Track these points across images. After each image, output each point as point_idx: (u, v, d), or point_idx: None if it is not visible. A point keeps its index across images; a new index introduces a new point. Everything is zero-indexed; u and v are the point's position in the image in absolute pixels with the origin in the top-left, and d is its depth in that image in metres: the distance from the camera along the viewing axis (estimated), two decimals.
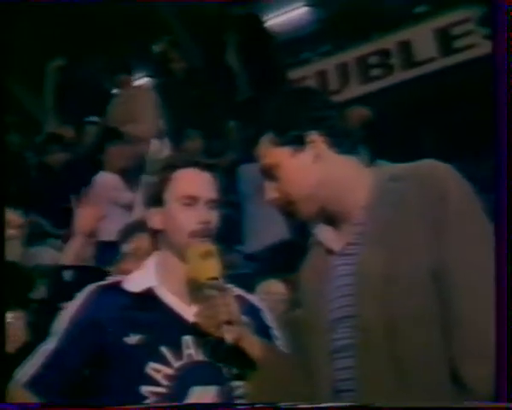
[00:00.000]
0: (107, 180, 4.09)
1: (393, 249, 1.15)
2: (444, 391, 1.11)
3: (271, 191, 1.29)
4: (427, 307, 1.12)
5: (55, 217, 4.15)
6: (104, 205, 3.94)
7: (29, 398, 1.32)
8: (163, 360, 1.31)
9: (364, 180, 1.25)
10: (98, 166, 4.21)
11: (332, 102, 1.33)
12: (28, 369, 1.35)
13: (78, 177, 4.22)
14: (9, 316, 2.03)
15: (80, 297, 1.40)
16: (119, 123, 4.81)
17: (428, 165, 1.21)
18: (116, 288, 1.40)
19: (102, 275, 1.85)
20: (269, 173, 1.29)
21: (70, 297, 1.45)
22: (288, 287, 2.64)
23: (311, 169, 1.25)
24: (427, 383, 1.11)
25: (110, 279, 1.46)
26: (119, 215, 3.90)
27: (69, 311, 1.39)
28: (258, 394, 1.31)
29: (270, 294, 2.68)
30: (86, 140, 5.07)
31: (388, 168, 1.27)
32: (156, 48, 5.30)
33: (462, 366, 1.09)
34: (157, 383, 1.29)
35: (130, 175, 4.30)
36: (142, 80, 5.30)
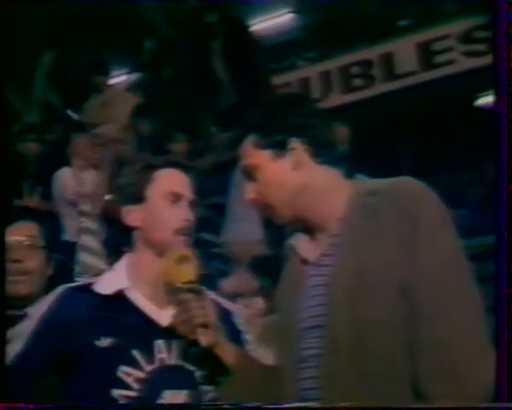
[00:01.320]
0: (63, 177, 4.04)
1: (365, 263, 1.17)
2: (408, 402, 1.12)
3: (250, 192, 1.30)
4: (394, 321, 1.14)
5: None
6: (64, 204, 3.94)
7: None
8: (134, 364, 1.31)
9: (342, 192, 1.26)
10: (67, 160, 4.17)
11: (319, 112, 1.33)
12: None
13: (49, 169, 4.20)
14: None
15: (49, 298, 1.39)
16: (94, 122, 4.83)
17: (404, 182, 1.23)
18: (86, 289, 1.39)
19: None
20: (249, 174, 1.30)
21: None
22: (266, 300, 2.64)
23: (290, 176, 1.26)
24: (393, 396, 1.13)
25: (81, 281, 1.45)
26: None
27: (37, 312, 1.38)
28: (229, 399, 1.31)
29: (247, 308, 2.68)
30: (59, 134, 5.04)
31: (366, 183, 1.29)
32: (147, 43, 5.30)
33: (424, 382, 1.11)
34: (128, 387, 1.29)
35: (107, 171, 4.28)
36: (124, 77, 5.28)
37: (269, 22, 6.94)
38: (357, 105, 5.96)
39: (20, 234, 1.78)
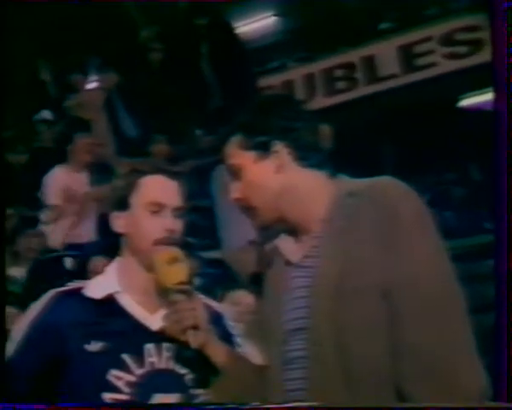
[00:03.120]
0: (60, 176, 4.02)
1: (347, 265, 1.17)
2: (391, 404, 1.13)
3: (235, 191, 1.30)
4: (376, 323, 1.14)
5: None
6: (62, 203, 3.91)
7: None
8: (125, 368, 1.31)
9: (325, 194, 1.26)
10: (63, 159, 4.15)
11: (304, 114, 1.33)
12: None
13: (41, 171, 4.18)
14: None
15: (40, 303, 1.39)
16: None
17: (384, 182, 1.23)
18: (77, 294, 1.39)
19: None
20: (234, 174, 1.30)
21: None
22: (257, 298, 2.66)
23: (272, 179, 1.26)
24: (376, 398, 1.13)
25: (71, 285, 1.45)
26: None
27: (28, 317, 1.38)
28: (219, 401, 1.32)
29: (238, 305, 2.69)
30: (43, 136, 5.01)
31: (348, 183, 1.28)
32: (141, 35, 5.29)
33: (407, 384, 1.12)
34: (118, 391, 1.30)
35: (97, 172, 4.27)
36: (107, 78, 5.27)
37: (253, 25, 6.96)
38: (341, 107, 6.00)
39: None
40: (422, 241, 1.17)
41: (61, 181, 4.00)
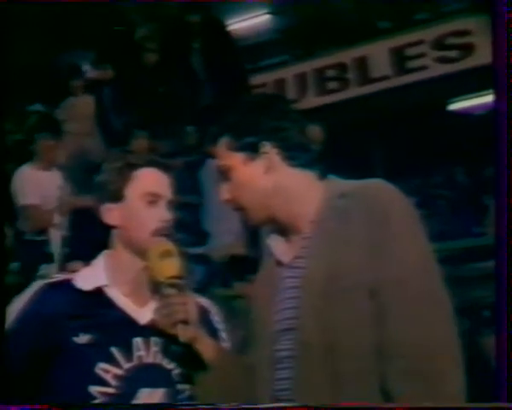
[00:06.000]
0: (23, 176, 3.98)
1: (335, 265, 1.18)
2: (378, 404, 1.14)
3: (225, 192, 1.31)
4: (365, 324, 1.15)
5: None
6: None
7: None
8: (112, 361, 1.31)
9: (315, 195, 1.26)
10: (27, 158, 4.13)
11: (292, 114, 1.33)
12: None
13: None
14: None
15: (26, 295, 1.38)
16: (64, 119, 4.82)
17: (375, 185, 1.24)
18: (64, 285, 1.39)
19: None
20: (223, 175, 1.31)
21: None
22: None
23: (262, 180, 1.27)
24: (363, 396, 1.14)
25: (58, 277, 1.44)
26: None
27: (15, 308, 1.37)
28: (206, 396, 1.33)
29: None
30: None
31: (338, 184, 1.29)
32: (137, 34, 5.29)
33: (394, 383, 1.12)
34: (106, 384, 1.30)
35: (70, 171, 4.27)
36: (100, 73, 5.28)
37: (245, 23, 6.95)
38: (332, 107, 6.02)
39: None
40: (410, 243, 1.18)
41: (32, 179, 3.98)
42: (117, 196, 1.39)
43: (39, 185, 3.95)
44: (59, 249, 3.69)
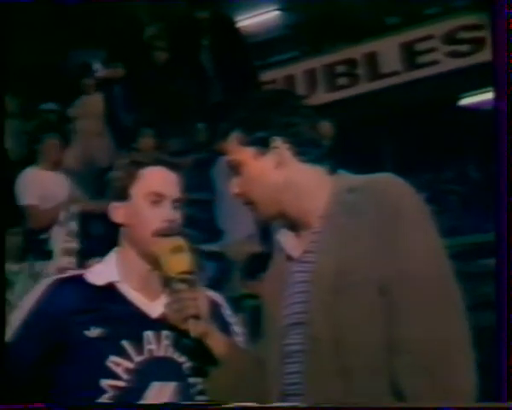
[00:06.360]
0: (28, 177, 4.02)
1: (344, 260, 1.18)
2: (388, 400, 1.14)
3: (235, 187, 1.31)
4: (374, 319, 1.15)
5: None
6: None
7: None
8: (124, 354, 1.33)
9: (324, 189, 1.26)
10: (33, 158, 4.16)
11: (303, 109, 1.32)
12: None
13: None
14: None
15: (38, 289, 1.40)
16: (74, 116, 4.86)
17: (384, 179, 1.23)
18: (76, 280, 1.40)
19: None
20: (234, 169, 1.31)
21: None
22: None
23: (272, 174, 1.27)
24: (372, 392, 1.14)
25: (70, 272, 1.46)
26: None
27: (27, 303, 1.39)
28: (218, 390, 1.34)
29: None
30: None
31: (348, 179, 1.29)
32: (147, 32, 5.32)
33: (403, 380, 1.12)
34: (117, 377, 1.31)
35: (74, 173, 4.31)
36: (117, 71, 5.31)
37: (255, 19, 6.95)
38: (342, 103, 6.01)
39: None
40: (421, 238, 1.17)
41: (35, 181, 4.01)
42: (123, 195, 1.40)
43: (43, 186, 3.99)
44: (60, 246, 3.73)
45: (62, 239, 3.70)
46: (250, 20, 6.85)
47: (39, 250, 3.88)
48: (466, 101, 6.16)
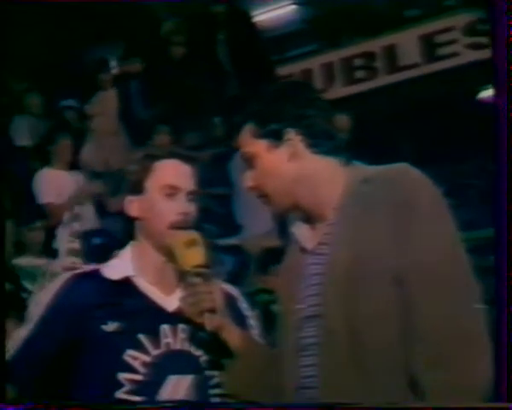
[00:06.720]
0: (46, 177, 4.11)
1: (360, 252, 1.17)
2: (403, 392, 1.13)
3: (249, 179, 1.31)
4: (389, 311, 1.14)
5: None
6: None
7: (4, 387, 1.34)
8: (141, 348, 1.33)
9: (339, 181, 1.26)
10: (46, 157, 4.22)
11: (317, 101, 1.32)
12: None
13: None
14: None
15: (55, 285, 1.41)
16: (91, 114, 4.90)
17: (399, 169, 1.22)
18: (93, 275, 1.41)
19: None
20: (248, 162, 1.31)
21: None
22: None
23: (286, 167, 1.27)
24: (388, 384, 1.13)
25: (87, 267, 1.47)
26: None
27: (45, 297, 1.40)
28: (234, 384, 1.34)
29: None
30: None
31: (362, 170, 1.28)
32: (164, 27, 5.34)
33: (419, 372, 1.11)
34: (134, 371, 1.32)
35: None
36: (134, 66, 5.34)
37: (272, 13, 6.92)
38: (360, 97, 5.97)
39: None
40: (438, 229, 1.16)
41: (51, 180, 4.10)
42: (138, 188, 1.41)
43: (59, 185, 4.09)
44: (65, 246, 3.80)
45: (66, 239, 3.77)
46: (267, 15, 6.82)
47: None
48: (486, 93, 6.08)
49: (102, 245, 3.77)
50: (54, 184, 4.09)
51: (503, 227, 1.18)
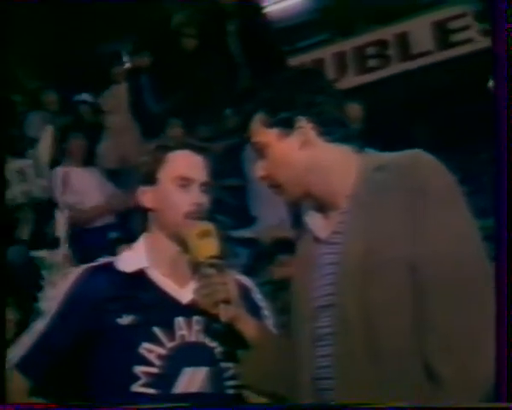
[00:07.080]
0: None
1: (373, 240, 1.16)
2: (419, 382, 1.12)
3: (260, 169, 1.30)
4: (402, 298, 1.13)
5: None
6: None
7: (20, 379, 1.35)
8: (156, 340, 1.33)
9: (351, 169, 1.24)
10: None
11: (328, 88, 1.30)
12: (19, 350, 1.37)
13: None
14: None
15: (71, 278, 1.42)
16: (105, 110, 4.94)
17: (412, 155, 1.20)
18: (107, 268, 1.42)
19: None
20: (259, 152, 1.30)
21: None
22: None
23: (297, 155, 1.25)
24: (403, 373, 1.12)
25: (101, 260, 1.47)
26: None
27: (61, 290, 1.41)
28: (249, 375, 1.34)
29: None
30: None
31: (375, 157, 1.26)
32: (174, 20, 5.34)
33: (433, 360, 1.10)
34: (149, 363, 1.32)
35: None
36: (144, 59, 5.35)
37: (282, 3, 6.88)
38: (373, 85, 5.92)
39: None
40: (453, 216, 1.14)
41: (67, 177, 4.15)
42: (151, 179, 1.41)
43: (75, 182, 4.12)
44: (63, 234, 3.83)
45: (64, 226, 3.81)
46: (278, 5, 6.78)
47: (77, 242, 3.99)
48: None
49: (119, 239, 3.80)
50: (70, 182, 4.13)
51: (504, 231, 1.15)
